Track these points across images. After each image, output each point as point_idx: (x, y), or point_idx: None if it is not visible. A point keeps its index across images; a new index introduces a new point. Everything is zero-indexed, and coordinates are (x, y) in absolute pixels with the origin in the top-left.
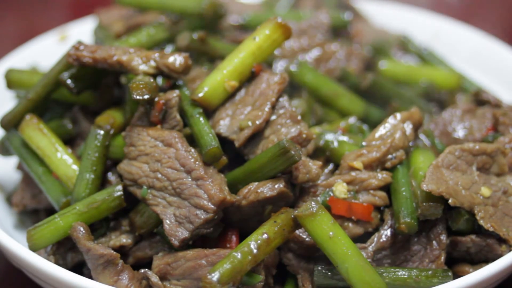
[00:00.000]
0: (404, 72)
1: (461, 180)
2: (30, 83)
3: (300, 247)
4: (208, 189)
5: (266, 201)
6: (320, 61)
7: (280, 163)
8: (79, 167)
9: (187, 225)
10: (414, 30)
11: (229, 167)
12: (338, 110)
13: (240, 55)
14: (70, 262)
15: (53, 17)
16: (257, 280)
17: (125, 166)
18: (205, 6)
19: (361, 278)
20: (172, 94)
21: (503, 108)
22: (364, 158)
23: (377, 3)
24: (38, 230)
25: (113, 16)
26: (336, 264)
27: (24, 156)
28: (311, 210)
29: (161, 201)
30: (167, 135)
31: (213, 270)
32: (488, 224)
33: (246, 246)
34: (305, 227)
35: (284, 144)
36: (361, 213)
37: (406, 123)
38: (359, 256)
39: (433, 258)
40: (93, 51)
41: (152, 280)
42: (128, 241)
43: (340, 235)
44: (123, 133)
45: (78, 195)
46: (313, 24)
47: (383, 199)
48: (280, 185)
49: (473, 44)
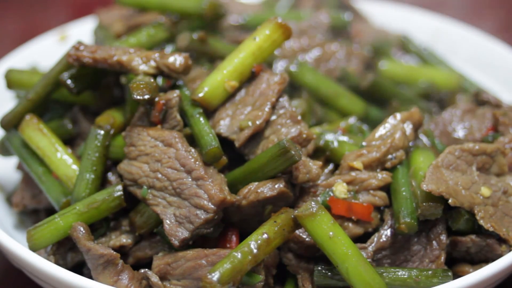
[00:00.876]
0: (404, 72)
1: (461, 180)
2: (30, 83)
3: (300, 247)
4: (208, 189)
5: (266, 201)
6: (320, 61)
7: (280, 163)
8: (79, 167)
9: (187, 225)
10: (414, 30)
11: (229, 167)
12: (338, 110)
13: (240, 55)
14: (70, 262)
15: (53, 17)
16: (257, 280)
17: (125, 166)
18: (205, 7)
19: (361, 278)
20: (173, 94)
21: (503, 108)
22: (364, 158)
23: (377, 3)
24: (38, 230)
25: (113, 16)
26: (336, 264)
27: (24, 156)
28: (311, 210)
29: (161, 201)
30: (167, 135)
31: (213, 270)
32: (488, 224)
33: (246, 246)
34: (305, 227)
35: (284, 144)
36: (361, 213)
37: (406, 123)
38: (359, 256)
39: (433, 258)
40: (93, 51)
41: (152, 280)
42: (128, 241)
43: (340, 235)
44: (123, 133)
45: (78, 195)
46: (313, 24)
47: (383, 199)
48: (280, 185)
49: (473, 44)
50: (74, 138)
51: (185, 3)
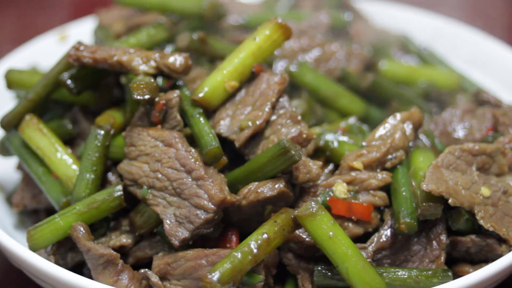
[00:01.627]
0: (404, 72)
1: (461, 180)
2: (30, 83)
3: (300, 247)
4: (209, 189)
5: (266, 201)
6: (320, 62)
7: (281, 163)
8: (79, 167)
9: (187, 225)
10: (414, 30)
11: (229, 167)
12: (338, 110)
13: (240, 55)
14: (70, 262)
15: (53, 17)
16: (257, 280)
17: (125, 166)
18: (205, 7)
19: (361, 278)
20: (173, 94)
21: (503, 108)
22: (364, 158)
23: (377, 3)
24: (38, 230)
25: (113, 16)
26: (336, 264)
27: (24, 156)
28: (311, 210)
29: (161, 201)
30: (168, 135)
31: (213, 270)
32: (488, 224)
33: (246, 246)
34: (305, 227)
35: (285, 144)
36: (361, 213)
37: (406, 123)
38: (359, 256)
39: (433, 258)
40: (93, 51)
41: (152, 280)
42: (128, 241)
43: (340, 235)
44: (123, 133)
45: (78, 195)
46: (313, 25)
47: (383, 199)
48: (280, 185)
49: (473, 44)
50: (74, 138)
51: (185, 3)
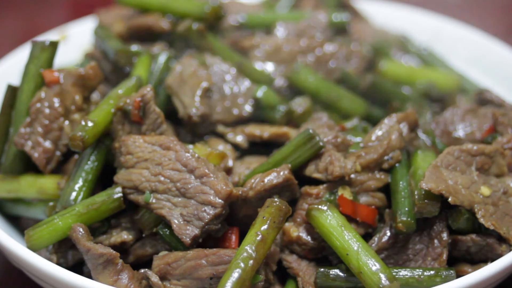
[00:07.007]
0: (404, 73)
1: (460, 180)
2: None
3: (304, 249)
4: (214, 184)
5: (273, 189)
6: (320, 62)
7: (306, 150)
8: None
9: (196, 222)
10: (414, 30)
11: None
12: (340, 112)
13: None
14: (71, 260)
15: (53, 17)
16: (257, 280)
17: (124, 175)
18: (207, 11)
19: (372, 263)
20: (146, 89)
21: (504, 108)
22: (361, 160)
23: (377, 3)
24: (37, 231)
25: (113, 16)
26: (346, 252)
27: None
28: (324, 204)
29: (166, 203)
30: (164, 139)
31: (221, 285)
32: (488, 223)
33: (244, 251)
34: (314, 220)
35: (309, 131)
36: (365, 216)
37: (402, 124)
38: (368, 246)
39: (436, 256)
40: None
41: (152, 280)
42: (129, 237)
43: (349, 226)
44: (116, 145)
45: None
46: (312, 24)
47: (382, 200)
48: (285, 172)
49: (473, 44)
50: None
51: (187, 6)
